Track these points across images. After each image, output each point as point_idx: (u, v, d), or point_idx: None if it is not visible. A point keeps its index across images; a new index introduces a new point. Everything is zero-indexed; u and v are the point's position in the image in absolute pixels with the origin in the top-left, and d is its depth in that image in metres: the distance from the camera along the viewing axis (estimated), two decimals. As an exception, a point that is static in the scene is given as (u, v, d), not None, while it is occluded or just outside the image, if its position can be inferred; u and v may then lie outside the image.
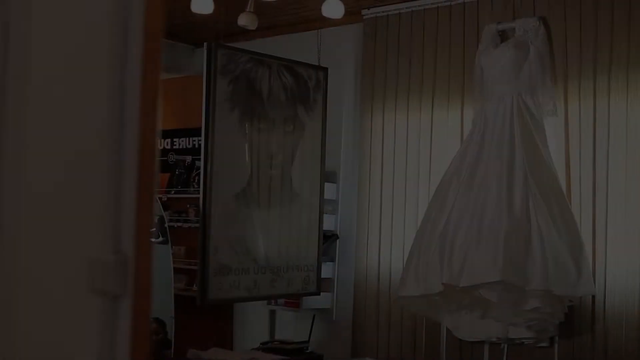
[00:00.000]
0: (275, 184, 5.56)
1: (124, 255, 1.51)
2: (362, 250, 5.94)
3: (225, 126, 5.22)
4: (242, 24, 5.07)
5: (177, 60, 7.38)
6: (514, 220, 4.66)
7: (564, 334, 4.94)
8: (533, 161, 4.87)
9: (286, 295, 5.78)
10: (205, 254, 5.09)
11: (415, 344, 5.60)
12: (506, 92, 5.07)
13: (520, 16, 5.25)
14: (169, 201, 7.34)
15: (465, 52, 5.52)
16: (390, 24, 5.94)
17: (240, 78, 5.33)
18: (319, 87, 5.82)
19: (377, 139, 5.93)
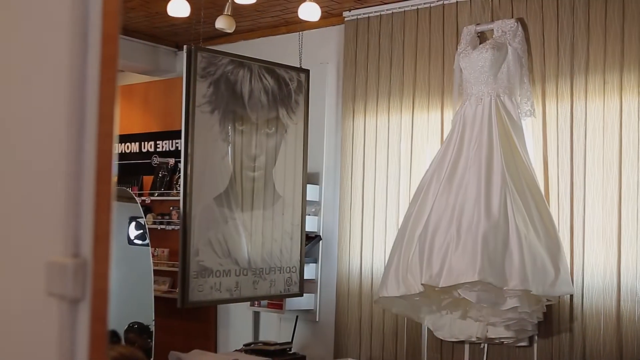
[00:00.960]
0: (257, 186, 5.58)
1: (83, 259, 1.52)
2: (343, 251, 5.97)
3: (206, 129, 5.24)
4: (220, 27, 5.08)
5: (159, 63, 7.40)
6: (492, 220, 4.69)
7: (542, 334, 4.98)
8: (511, 162, 4.91)
9: (268, 296, 5.79)
10: (186, 256, 5.10)
11: (397, 345, 5.62)
12: (484, 93, 5.11)
13: (499, 18, 5.29)
14: (152, 203, 7.35)
15: (444, 54, 5.56)
16: (371, 26, 5.97)
17: (221, 80, 5.35)
18: (301, 89, 5.85)
19: (359, 140, 5.96)
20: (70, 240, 1.51)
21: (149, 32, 7.11)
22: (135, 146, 7.76)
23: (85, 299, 1.51)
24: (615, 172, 4.77)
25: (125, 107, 7.92)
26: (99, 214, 1.53)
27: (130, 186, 7.50)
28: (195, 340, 6.92)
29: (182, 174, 5.16)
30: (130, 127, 7.83)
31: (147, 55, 7.34)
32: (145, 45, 7.29)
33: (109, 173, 1.56)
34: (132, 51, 7.22)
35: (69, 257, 1.50)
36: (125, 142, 7.83)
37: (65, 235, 1.51)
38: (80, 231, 1.52)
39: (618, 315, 4.68)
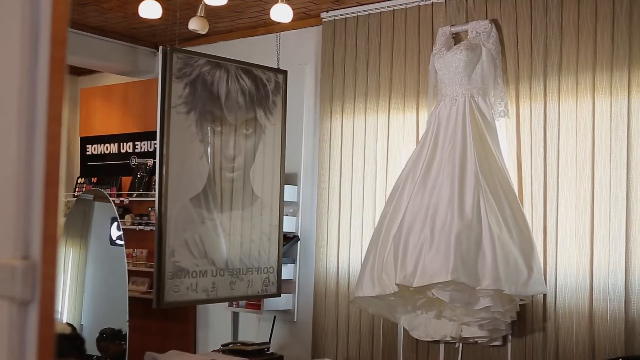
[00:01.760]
0: (234, 187, 5.58)
1: (32, 262, 1.53)
2: (321, 252, 5.98)
3: (182, 129, 5.25)
4: (193, 28, 5.09)
5: (138, 64, 7.39)
6: (465, 221, 4.72)
7: (516, 333, 5.01)
8: (485, 162, 4.94)
9: (246, 297, 5.80)
10: (161, 257, 5.11)
11: (373, 345, 5.65)
12: (459, 94, 5.13)
13: (473, 19, 5.31)
14: (130, 204, 7.35)
15: (420, 55, 5.58)
16: (348, 27, 5.99)
17: (197, 81, 5.35)
18: (278, 89, 5.86)
19: (336, 140, 5.98)
20: (19, 242, 1.52)
21: (128, 33, 7.11)
22: (114, 147, 7.75)
23: (35, 301, 1.52)
24: (588, 172, 4.80)
25: (104, 108, 7.92)
26: (48, 216, 1.54)
27: (109, 187, 7.51)
28: (175, 340, 6.92)
29: (157, 175, 5.17)
30: (109, 127, 7.82)
31: (126, 56, 7.34)
32: (124, 46, 7.29)
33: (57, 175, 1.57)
34: (111, 52, 7.22)
35: (18, 259, 1.51)
36: (104, 143, 7.83)
37: (14, 237, 1.52)
38: (29, 233, 1.53)
39: (590, 314, 4.72)
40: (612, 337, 4.63)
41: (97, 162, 7.89)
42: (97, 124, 7.95)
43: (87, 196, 6.88)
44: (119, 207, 7.40)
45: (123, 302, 6.01)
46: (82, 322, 6.81)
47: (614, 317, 4.63)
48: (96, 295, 6.69)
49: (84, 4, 6.14)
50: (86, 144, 8.01)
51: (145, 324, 7.02)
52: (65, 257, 6.72)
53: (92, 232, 6.79)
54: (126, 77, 7.68)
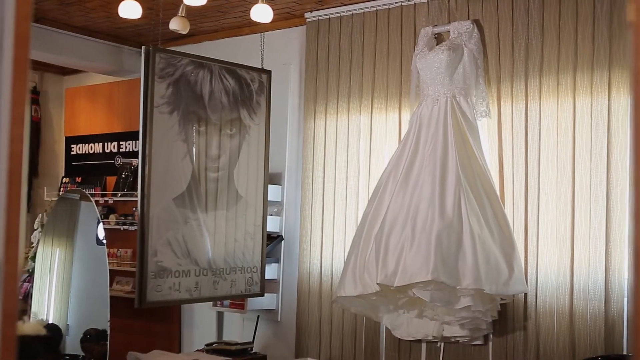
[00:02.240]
0: (218, 187, 5.59)
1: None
2: (304, 251, 6.00)
3: (165, 129, 5.25)
4: (174, 28, 5.10)
5: (123, 64, 7.39)
6: (446, 220, 4.74)
7: (497, 332, 5.04)
8: (466, 162, 4.96)
9: (229, 296, 5.81)
10: (144, 256, 5.11)
11: (356, 344, 5.66)
12: (440, 94, 5.15)
13: (455, 19, 5.34)
14: (115, 204, 7.35)
15: (402, 55, 5.60)
16: (332, 27, 6.00)
17: (180, 81, 5.35)
18: (262, 89, 5.86)
19: (320, 140, 5.99)
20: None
21: (112, 33, 7.11)
22: (98, 147, 7.75)
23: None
24: (569, 172, 4.83)
25: (89, 108, 7.91)
26: (10, 215, 1.55)
27: (94, 187, 7.50)
28: (160, 340, 6.92)
29: (139, 175, 5.17)
30: (94, 127, 7.82)
31: (111, 55, 7.34)
32: (109, 46, 7.29)
33: (20, 175, 1.58)
34: (96, 52, 7.22)
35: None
36: (89, 143, 7.82)
37: (-22, 237, 1.53)
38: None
39: (571, 313, 4.75)
40: (592, 336, 4.66)
41: (81, 161, 7.88)
42: (82, 123, 7.95)
43: (70, 195, 6.87)
44: (104, 207, 7.41)
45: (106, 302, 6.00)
46: (68, 322, 6.79)
47: (594, 316, 4.66)
48: (82, 295, 6.68)
49: (67, 3, 6.14)
50: (71, 143, 8.00)
51: (130, 324, 7.02)
52: (52, 257, 6.71)
53: (78, 231, 6.78)
54: (111, 77, 7.68)
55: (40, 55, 7.04)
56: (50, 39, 6.84)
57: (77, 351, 6.33)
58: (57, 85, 8.42)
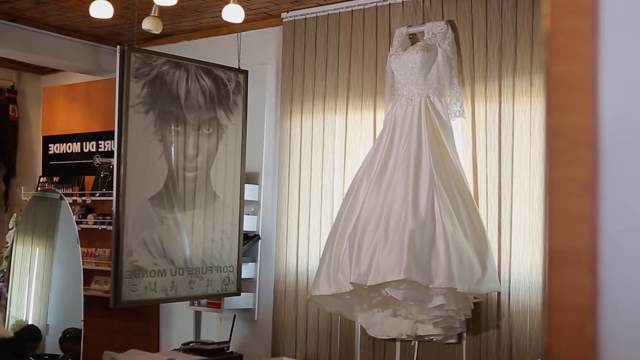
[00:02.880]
0: (194, 186, 5.60)
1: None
2: (281, 251, 6.02)
3: (140, 129, 5.25)
4: (147, 28, 5.10)
5: (101, 63, 7.39)
6: (419, 220, 4.77)
7: (471, 330, 5.07)
8: (440, 161, 4.99)
9: (205, 296, 5.82)
10: (119, 256, 5.12)
11: (331, 343, 5.69)
12: (414, 94, 5.18)
13: (430, 20, 5.37)
14: (93, 204, 7.35)
15: (377, 55, 5.63)
16: (308, 27, 6.03)
17: (156, 81, 5.36)
18: (239, 89, 5.88)
19: (296, 140, 6.02)
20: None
21: (90, 32, 7.10)
22: (77, 146, 7.74)
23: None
24: (542, 171, 4.87)
25: (67, 107, 7.90)
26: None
27: (72, 186, 7.49)
28: (138, 339, 6.93)
29: (115, 175, 5.18)
30: (72, 127, 7.81)
31: (89, 55, 7.33)
32: (87, 45, 7.28)
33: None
34: (74, 51, 7.21)
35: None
36: (67, 142, 7.81)
37: None
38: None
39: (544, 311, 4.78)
40: (564, 334, 4.69)
41: (59, 161, 7.87)
42: (60, 123, 7.93)
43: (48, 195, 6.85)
44: (82, 207, 7.40)
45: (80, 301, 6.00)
46: (48, 322, 6.78)
47: (566, 315, 4.69)
48: (62, 295, 6.67)
49: (43, 2, 6.14)
50: (49, 143, 7.99)
51: (108, 323, 7.02)
52: (31, 256, 6.70)
53: (59, 231, 6.77)
54: (89, 76, 7.67)
55: (18, 54, 7.03)
56: (27, 39, 6.83)
57: (58, 351, 6.33)
58: (35, 85, 8.41)
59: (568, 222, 1.01)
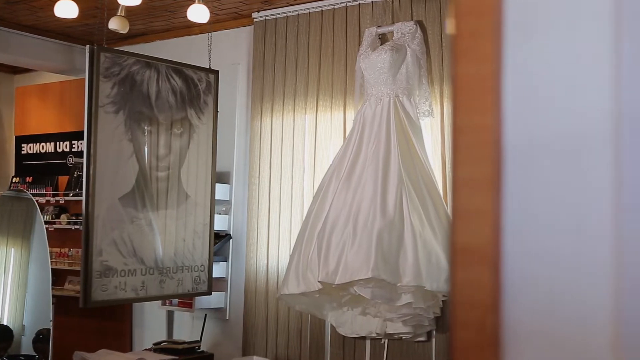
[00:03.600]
0: (165, 186, 5.60)
1: None
2: (251, 250, 6.03)
3: (110, 129, 5.25)
4: (114, 28, 5.10)
5: (74, 63, 7.37)
6: (387, 219, 4.79)
7: (440, 328, 5.10)
8: (409, 161, 5.02)
9: (176, 295, 5.83)
10: (88, 256, 5.12)
11: (301, 342, 5.71)
12: (384, 94, 5.21)
13: (399, 20, 5.39)
14: (67, 204, 7.33)
15: (347, 55, 5.65)
16: (278, 27, 6.04)
17: (126, 81, 5.36)
18: (210, 89, 5.89)
19: (266, 139, 6.03)
20: None
21: (63, 32, 7.08)
22: (50, 146, 7.72)
23: None
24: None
25: (40, 107, 7.88)
26: None
27: (45, 186, 7.48)
28: (111, 339, 6.92)
29: (84, 175, 5.17)
30: (46, 126, 7.79)
31: (62, 54, 7.31)
32: (60, 45, 7.27)
33: None
34: (46, 50, 7.19)
35: None
36: (41, 142, 7.79)
37: None
38: None
39: (510, 309, 4.82)
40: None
41: (32, 161, 7.85)
42: (33, 122, 7.91)
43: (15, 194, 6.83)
44: (55, 207, 7.39)
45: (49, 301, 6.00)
46: (24, 322, 6.77)
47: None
48: (38, 296, 6.67)
49: (13, 2, 6.11)
50: (21, 143, 7.96)
51: (82, 323, 7.01)
52: (7, 257, 6.68)
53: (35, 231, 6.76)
54: (62, 76, 7.65)
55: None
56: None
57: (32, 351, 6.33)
58: (7, 84, 8.37)
59: (472, 219, 1.03)
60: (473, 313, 1.04)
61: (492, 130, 1.03)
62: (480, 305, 1.03)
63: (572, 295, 1.00)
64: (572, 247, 1.01)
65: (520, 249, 1.02)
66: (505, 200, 1.02)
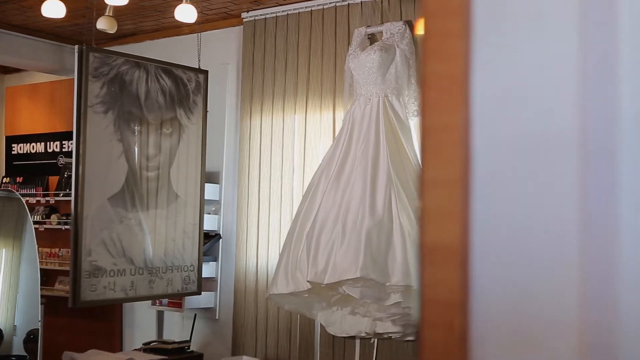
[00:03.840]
0: (154, 186, 5.60)
1: None
2: (241, 250, 6.03)
3: (99, 129, 5.25)
4: (102, 27, 5.10)
5: (65, 63, 7.36)
6: (376, 218, 4.79)
7: (429, 328, 5.10)
8: (398, 160, 5.02)
9: (165, 295, 5.82)
10: (77, 256, 5.11)
11: (291, 341, 5.71)
12: (373, 93, 5.21)
13: (388, 20, 5.40)
14: (57, 204, 7.32)
15: (337, 55, 5.66)
16: (268, 27, 6.04)
17: (115, 81, 5.35)
18: (199, 89, 5.88)
19: (256, 139, 6.03)
20: None
21: (53, 32, 7.07)
22: (40, 146, 7.71)
23: None
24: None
25: (31, 107, 7.87)
26: None
27: (35, 186, 7.46)
28: (101, 339, 6.92)
29: (73, 175, 5.17)
30: (36, 127, 7.78)
31: (52, 54, 7.30)
32: (50, 45, 7.25)
33: None
34: (37, 50, 7.18)
35: None
36: (31, 142, 7.78)
37: None
38: None
39: (499, 309, 4.82)
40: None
41: (23, 161, 7.83)
42: (24, 122, 7.90)
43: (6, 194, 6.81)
44: (46, 207, 7.38)
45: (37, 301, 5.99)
46: (16, 323, 6.75)
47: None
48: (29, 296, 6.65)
49: (2, 2, 6.10)
50: (12, 143, 7.95)
51: (72, 323, 7.01)
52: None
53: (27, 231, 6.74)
54: (53, 76, 7.64)
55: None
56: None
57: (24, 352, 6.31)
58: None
59: (440, 219, 1.03)
60: (441, 313, 1.04)
61: (461, 130, 1.03)
62: (448, 305, 1.03)
63: (539, 295, 1.00)
64: (540, 247, 1.01)
65: (489, 249, 1.02)
66: (474, 200, 1.02)
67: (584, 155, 0.98)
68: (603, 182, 0.97)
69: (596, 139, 0.98)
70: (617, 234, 0.96)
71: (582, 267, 0.98)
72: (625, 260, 0.95)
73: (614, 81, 0.99)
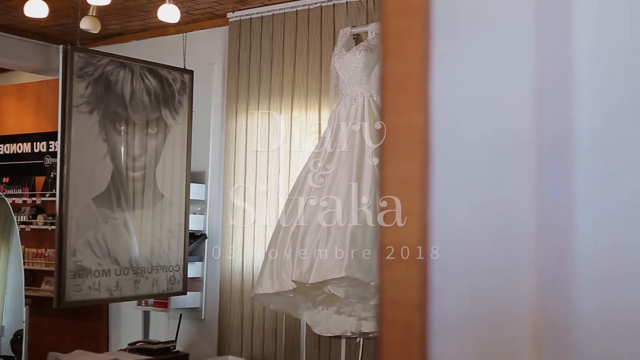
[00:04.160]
0: (139, 186, 5.59)
1: None
2: (226, 250, 6.03)
3: (84, 129, 5.24)
4: (85, 27, 5.09)
5: (51, 63, 7.34)
6: (361, 218, 4.80)
7: (414, 327, 5.11)
8: (382, 160, 5.02)
9: (151, 295, 5.82)
10: (62, 256, 5.10)
11: (277, 341, 5.71)
12: (358, 93, 5.21)
13: (374, 20, 5.40)
14: (44, 204, 7.31)
15: (322, 55, 5.66)
16: (253, 27, 6.04)
17: (100, 81, 5.35)
18: (185, 89, 5.88)
19: (241, 139, 6.03)
20: None
21: (39, 32, 7.05)
22: (27, 146, 7.69)
23: None
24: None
25: (17, 107, 7.85)
26: None
27: (22, 187, 7.45)
28: (87, 339, 6.91)
29: (58, 175, 5.16)
30: (22, 127, 7.76)
31: (39, 54, 7.28)
32: (37, 45, 7.24)
33: None
34: (23, 50, 7.16)
35: None
36: (17, 143, 7.76)
37: None
38: None
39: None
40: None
41: (9, 161, 7.81)
42: (10, 122, 7.88)
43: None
44: (32, 207, 7.36)
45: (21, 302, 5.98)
46: (3, 323, 6.73)
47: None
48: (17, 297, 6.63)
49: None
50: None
51: (58, 324, 6.99)
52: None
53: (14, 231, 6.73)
54: (39, 76, 7.62)
55: (-35, 54, 6.98)
56: (-25, 38, 6.78)
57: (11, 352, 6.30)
58: (-16, 84, 8.34)
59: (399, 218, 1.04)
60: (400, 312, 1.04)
61: (420, 130, 1.04)
62: (407, 304, 1.03)
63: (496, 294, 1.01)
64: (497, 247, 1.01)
65: (447, 249, 1.02)
66: (433, 199, 1.03)
67: (541, 155, 0.99)
68: (559, 182, 0.98)
69: (552, 139, 0.98)
70: (572, 233, 0.97)
71: (538, 266, 0.98)
72: (580, 259, 0.96)
73: (571, 82, 0.99)
